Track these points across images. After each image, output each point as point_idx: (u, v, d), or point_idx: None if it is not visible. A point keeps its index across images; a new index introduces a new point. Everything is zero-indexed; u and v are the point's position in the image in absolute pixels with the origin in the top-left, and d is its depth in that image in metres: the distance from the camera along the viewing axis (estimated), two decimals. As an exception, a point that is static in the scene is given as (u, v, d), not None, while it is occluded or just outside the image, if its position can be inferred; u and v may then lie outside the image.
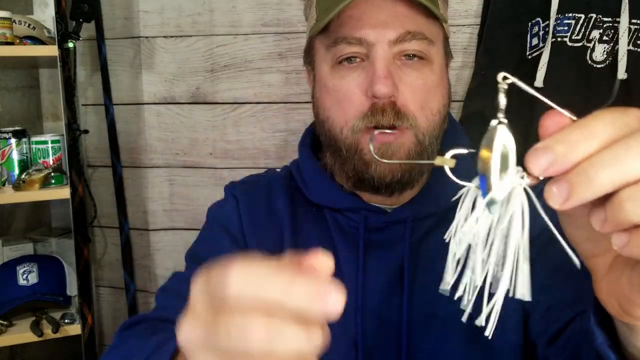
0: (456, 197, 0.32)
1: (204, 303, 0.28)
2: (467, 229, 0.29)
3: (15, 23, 1.39)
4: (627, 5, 1.11)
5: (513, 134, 0.28)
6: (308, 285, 0.27)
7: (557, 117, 0.28)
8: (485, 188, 0.28)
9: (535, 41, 1.22)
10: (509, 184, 0.28)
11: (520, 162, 0.29)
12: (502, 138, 0.28)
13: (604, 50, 1.16)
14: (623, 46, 1.12)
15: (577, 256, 0.33)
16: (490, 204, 0.28)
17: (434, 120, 0.67)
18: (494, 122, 0.29)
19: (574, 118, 0.28)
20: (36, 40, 1.45)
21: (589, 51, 1.17)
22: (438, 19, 0.66)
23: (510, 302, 0.66)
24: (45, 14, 1.61)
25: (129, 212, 1.58)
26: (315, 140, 0.79)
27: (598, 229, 0.28)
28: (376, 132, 0.63)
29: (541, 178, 0.28)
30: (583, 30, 1.17)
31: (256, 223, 0.75)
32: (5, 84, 1.64)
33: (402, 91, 0.64)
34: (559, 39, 1.18)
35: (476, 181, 0.29)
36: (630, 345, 0.40)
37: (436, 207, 0.70)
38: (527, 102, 1.11)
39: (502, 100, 0.29)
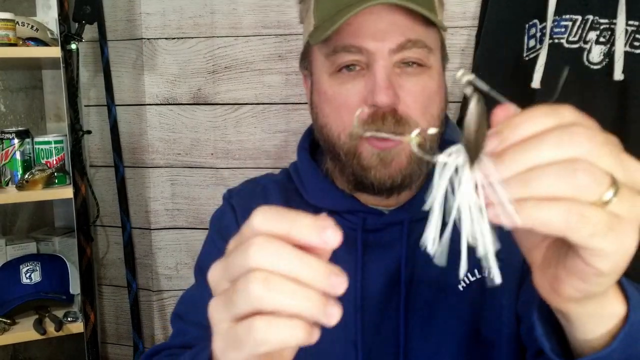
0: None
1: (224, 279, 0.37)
2: (439, 193, 0.38)
3: (19, 25, 1.40)
4: (624, 6, 1.11)
5: (484, 110, 0.34)
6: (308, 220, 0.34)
7: (505, 108, 0.35)
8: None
9: (532, 43, 1.22)
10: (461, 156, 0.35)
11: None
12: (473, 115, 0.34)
13: (601, 52, 1.16)
14: (620, 47, 1.12)
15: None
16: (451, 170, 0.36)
17: (435, 125, 0.67)
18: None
19: (519, 110, 0.35)
20: (39, 42, 1.47)
21: (585, 52, 1.17)
22: (436, 26, 0.66)
23: (505, 305, 0.67)
24: (48, 15, 1.62)
25: (131, 211, 1.60)
26: (314, 142, 0.79)
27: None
28: (368, 134, 0.64)
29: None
30: (580, 31, 1.18)
31: None
32: (9, 84, 1.66)
33: (403, 98, 0.64)
34: (556, 41, 1.19)
35: (440, 155, 0.37)
36: (573, 340, 0.43)
37: None
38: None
39: (468, 90, 0.35)
